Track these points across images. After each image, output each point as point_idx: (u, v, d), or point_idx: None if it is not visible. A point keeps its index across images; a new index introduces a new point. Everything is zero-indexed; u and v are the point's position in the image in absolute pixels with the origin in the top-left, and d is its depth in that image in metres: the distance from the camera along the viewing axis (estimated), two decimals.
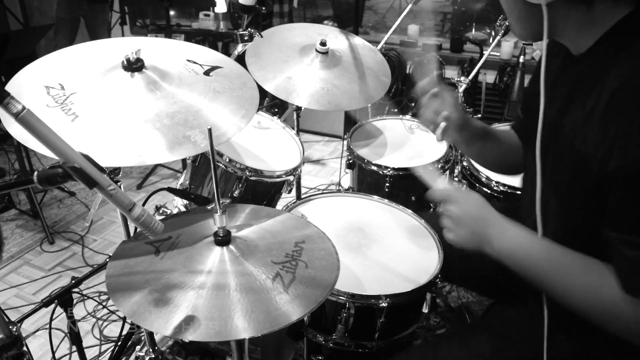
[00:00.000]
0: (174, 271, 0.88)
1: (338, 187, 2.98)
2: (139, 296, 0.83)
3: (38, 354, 1.85)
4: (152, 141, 0.98)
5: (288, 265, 0.89)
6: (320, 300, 0.82)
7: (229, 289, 0.83)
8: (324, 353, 1.24)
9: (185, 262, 0.90)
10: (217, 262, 0.89)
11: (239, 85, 1.18)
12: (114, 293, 0.84)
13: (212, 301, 0.81)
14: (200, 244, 0.94)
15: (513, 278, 0.99)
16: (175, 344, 1.75)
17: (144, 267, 0.90)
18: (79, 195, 2.93)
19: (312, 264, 0.91)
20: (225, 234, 0.91)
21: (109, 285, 0.86)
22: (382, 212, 1.43)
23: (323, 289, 0.85)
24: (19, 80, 1.06)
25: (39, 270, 2.30)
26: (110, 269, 0.90)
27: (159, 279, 0.86)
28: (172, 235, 0.99)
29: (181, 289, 0.83)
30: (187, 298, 0.82)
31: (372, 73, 1.79)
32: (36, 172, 0.70)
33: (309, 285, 0.85)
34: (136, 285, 0.85)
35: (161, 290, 0.84)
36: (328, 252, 0.95)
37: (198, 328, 0.76)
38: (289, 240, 0.97)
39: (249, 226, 1.01)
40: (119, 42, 1.22)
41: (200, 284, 0.84)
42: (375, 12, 4.95)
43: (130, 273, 0.89)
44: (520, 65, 3.19)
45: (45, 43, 3.17)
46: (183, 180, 1.58)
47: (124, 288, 0.85)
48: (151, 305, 0.81)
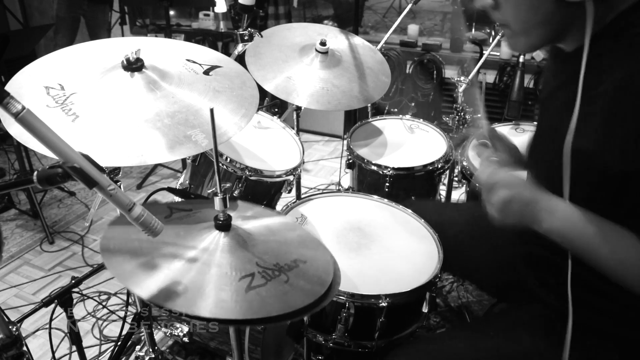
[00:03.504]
0: (169, 244, 0.87)
1: (338, 187, 2.98)
2: (129, 258, 0.82)
3: (38, 354, 1.85)
4: (152, 141, 0.98)
5: (268, 273, 0.86)
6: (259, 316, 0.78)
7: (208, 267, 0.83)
8: (324, 353, 1.24)
9: (182, 237, 0.90)
10: (211, 244, 0.88)
11: (238, 85, 1.18)
12: (106, 252, 0.84)
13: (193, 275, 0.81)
14: (202, 224, 0.94)
15: (517, 276, 0.99)
16: (175, 344, 1.75)
17: (140, 236, 0.89)
18: (79, 195, 2.93)
19: (294, 283, 0.86)
20: (225, 218, 0.90)
21: (102, 245, 0.85)
22: (382, 212, 1.43)
23: (272, 309, 0.80)
24: (19, 80, 1.06)
25: (39, 270, 2.30)
26: (109, 230, 0.89)
27: (154, 247, 0.86)
28: (192, 209, 1.00)
29: (171, 259, 0.83)
30: (172, 268, 0.82)
31: (372, 73, 1.79)
32: (36, 172, 0.69)
33: (269, 298, 0.81)
34: (130, 250, 0.85)
35: (151, 256, 0.83)
36: (320, 281, 0.90)
37: (172, 296, 0.76)
38: (289, 253, 0.95)
39: (259, 224, 1.00)
40: (119, 42, 1.22)
41: (189, 258, 0.84)
42: (375, 12, 4.95)
43: (127, 239, 0.87)
44: (520, 65, 3.20)
45: (45, 43, 3.17)
46: (183, 180, 1.58)
47: (117, 250, 0.84)
48: (138, 268, 0.80)
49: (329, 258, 0.98)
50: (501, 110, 3.33)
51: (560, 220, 0.88)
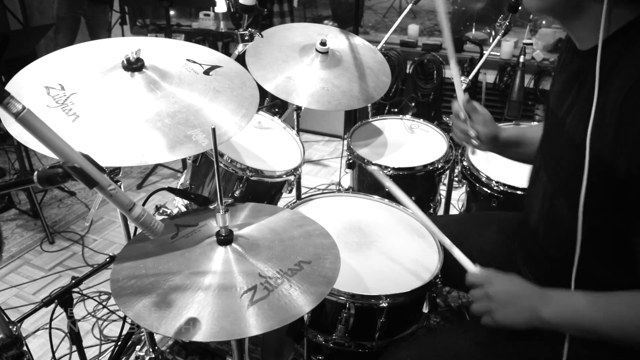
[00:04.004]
0: (177, 273, 0.88)
1: (338, 187, 2.98)
2: (142, 297, 0.83)
3: (38, 354, 1.85)
4: (153, 141, 0.98)
5: (270, 283, 0.86)
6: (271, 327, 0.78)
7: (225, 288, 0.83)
8: (324, 353, 1.24)
9: (187, 259, 0.91)
10: (214, 264, 0.89)
11: (238, 85, 1.18)
12: (119, 297, 0.85)
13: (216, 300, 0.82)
14: (205, 242, 0.94)
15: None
16: (175, 344, 1.75)
17: (147, 270, 0.90)
18: (79, 195, 2.93)
19: (297, 288, 0.86)
20: (227, 233, 0.91)
21: (113, 290, 0.87)
22: (382, 212, 1.43)
23: (281, 320, 0.80)
24: (19, 80, 1.06)
25: (39, 270, 2.30)
26: (114, 272, 0.91)
27: (163, 280, 0.87)
28: (198, 222, 1.01)
29: (185, 290, 0.84)
30: (194, 300, 0.82)
31: (372, 73, 1.79)
32: (36, 172, 0.70)
33: (271, 311, 0.81)
34: (141, 289, 0.86)
35: (165, 292, 0.84)
36: (325, 280, 0.89)
37: (201, 328, 0.77)
38: (294, 254, 0.94)
39: (263, 226, 1.01)
40: (119, 42, 1.22)
41: (196, 285, 0.85)
42: (376, 12, 4.95)
43: (134, 276, 0.89)
44: (520, 65, 3.19)
45: (45, 43, 3.17)
46: (183, 180, 1.58)
47: (129, 293, 0.85)
48: (154, 309, 0.81)
49: (336, 252, 0.98)
50: (501, 110, 3.33)
51: (558, 308, 0.88)
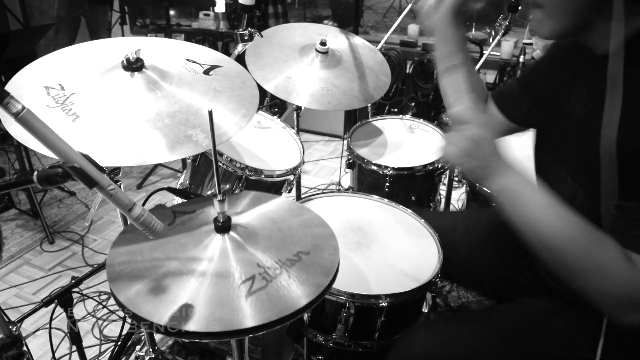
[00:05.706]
0: (174, 259, 0.87)
1: (338, 187, 2.98)
2: (137, 282, 0.82)
3: (38, 354, 1.85)
4: (153, 141, 0.98)
5: (269, 273, 0.85)
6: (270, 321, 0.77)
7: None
8: (324, 353, 1.24)
9: (184, 246, 0.90)
10: (212, 252, 0.88)
11: (238, 84, 1.18)
12: (114, 281, 0.84)
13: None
14: (203, 228, 0.93)
15: (516, 281, 0.99)
16: (175, 344, 1.75)
17: (144, 256, 0.89)
18: (79, 195, 2.93)
19: (296, 279, 0.85)
20: (224, 220, 0.89)
21: (109, 274, 0.85)
22: (382, 212, 1.43)
23: (279, 311, 0.79)
24: (19, 80, 1.06)
25: (39, 270, 2.30)
26: (110, 257, 0.89)
27: (159, 265, 0.86)
28: (195, 209, 1.00)
29: (181, 276, 0.83)
30: (179, 286, 0.81)
31: (372, 73, 1.79)
32: (36, 171, 0.70)
33: (269, 301, 0.80)
34: (136, 273, 0.84)
35: (160, 278, 0.83)
36: (324, 271, 0.88)
37: (197, 317, 0.76)
38: (292, 244, 0.93)
39: (261, 214, 1.00)
40: (119, 42, 1.22)
41: (192, 272, 0.84)
42: (376, 12, 4.96)
43: (129, 262, 0.88)
44: (520, 65, 3.20)
45: (45, 43, 3.17)
46: (183, 180, 1.58)
47: (124, 277, 0.84)
48: (149, 294, 0.80)
49: (335, 242, 0.96)
50: None
51: (510, 185, 0.87)
